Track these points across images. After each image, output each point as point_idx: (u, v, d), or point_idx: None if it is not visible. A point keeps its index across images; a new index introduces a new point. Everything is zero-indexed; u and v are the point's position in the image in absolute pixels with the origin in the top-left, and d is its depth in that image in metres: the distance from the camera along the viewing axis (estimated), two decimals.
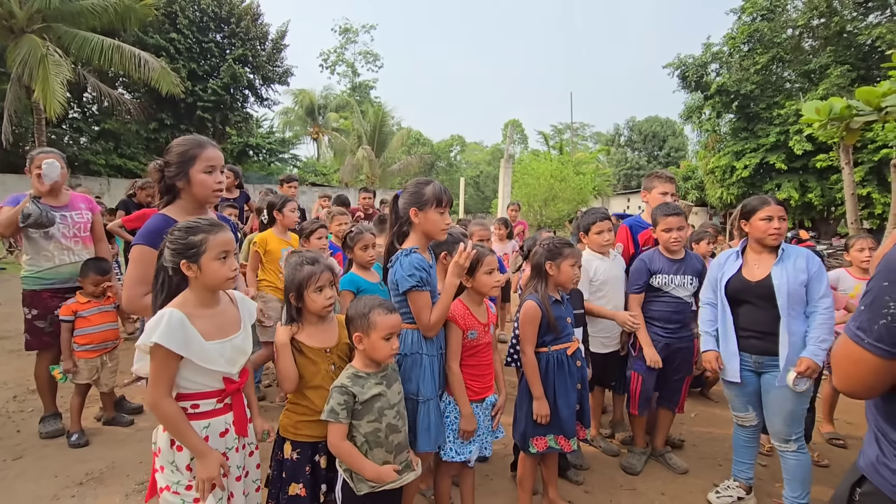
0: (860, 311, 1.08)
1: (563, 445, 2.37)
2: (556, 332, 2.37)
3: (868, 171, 15.38)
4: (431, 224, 2.07)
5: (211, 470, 1.53)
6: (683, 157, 34.47)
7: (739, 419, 2.74)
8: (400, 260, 2.02)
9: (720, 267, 2.73)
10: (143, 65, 12.63)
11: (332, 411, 1.72)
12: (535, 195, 18.80)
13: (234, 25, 18.18)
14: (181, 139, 2.00)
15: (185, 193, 1.98)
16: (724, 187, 19.48)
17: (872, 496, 1.12)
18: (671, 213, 2.91)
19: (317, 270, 1.86)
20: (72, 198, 3.26)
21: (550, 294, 2.40)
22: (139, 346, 1.54)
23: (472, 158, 43.03)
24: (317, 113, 30.47)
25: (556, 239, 2.50)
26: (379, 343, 1.78)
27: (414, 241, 2.10)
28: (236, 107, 19.38)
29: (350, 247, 2.94)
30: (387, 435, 1.78)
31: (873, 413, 1.18)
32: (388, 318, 1.80)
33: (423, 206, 2.06)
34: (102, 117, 17.15)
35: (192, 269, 1.56)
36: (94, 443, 3.17)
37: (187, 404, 1.58)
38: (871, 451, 1.16)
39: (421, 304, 2.00)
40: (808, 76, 17.95)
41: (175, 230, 1.58)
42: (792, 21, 17.97)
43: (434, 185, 2.10)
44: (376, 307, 1.81)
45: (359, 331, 1.80)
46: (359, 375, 1.80)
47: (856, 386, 1.10)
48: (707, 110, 20.17)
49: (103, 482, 2.75)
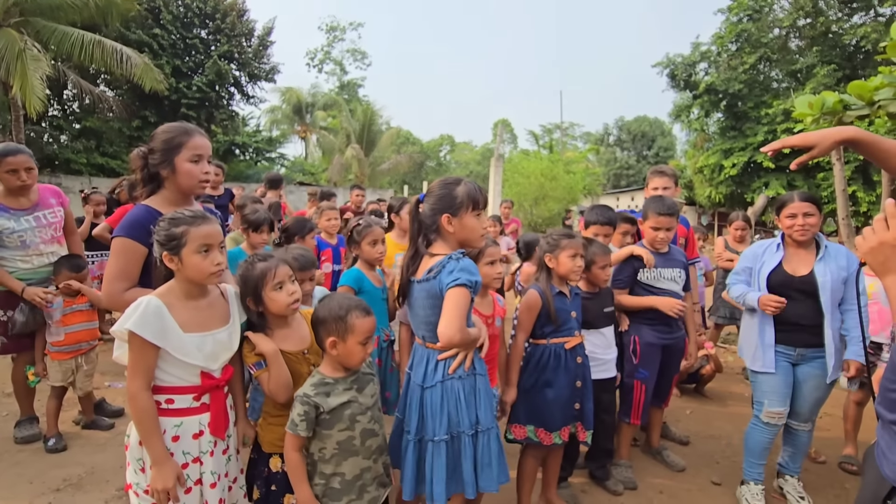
0: None
1: (543, 438, 2.31)
2: (555, 323, 2.31)
3: (854, 170, 15.61)
4: (469, 230, 1.80)
5: (166, 480, 1.45)
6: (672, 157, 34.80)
7: (774, 417, 2.59)
8: (449, 264, 1.70)
9: (757, 258, 2.70)
10: (126, 61, 12.31)
11: (291, 422, 1.59)
12: (526, 194, 18.78)
13: (220, 21, 17.88)
14: (167, 126, 1.90)
15: (169, 183, 1.88)
16: (712, 186, 19.67)
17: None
18: (665, 212, 2.81)
19: (271, 266, 1.70)
20: (41, 194, 3.08)
21: (555, 286, 2.36)
22: (114, 332, 1.49)
23: (461, 158, 42.94)
24: (304, 111, 30.17)
25: (556, 231, 2.46)
26: (356, 349, 1.61)
27: (446, 249, 1.80)
28: (222, 104, 19.07)
29: (357, 241, 2.65)
30: (363, 441, 1.65)
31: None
32: (366, 322, 1.63)
33: (458, 210, 1.77)
34: (83, 115, 16.75)
35: (173, 261, 1.51)
36: (73, 447, 3.05)
37: (162, 398, 1.51)
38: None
39: (463, 302, 1.66)
40: (795, 76, 18.19)
41: (161, 221, 1.54)
42: (778, 21, 18.20)
43: (466, 185, 1.82)
44: (353, 308, 1.62)
45: (333, 335, 1.61)
46: (325, 382, 1.63)
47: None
48: (696, 109, 20.36)
49: (82, 488, 2.63)
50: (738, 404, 4.14)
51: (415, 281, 1.81)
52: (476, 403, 1.78)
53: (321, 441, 1.61)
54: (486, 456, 1.77)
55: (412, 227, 1.87)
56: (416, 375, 1.83)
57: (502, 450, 1.84)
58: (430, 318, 1.75)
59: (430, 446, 1.72)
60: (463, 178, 1.88)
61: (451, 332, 1.61)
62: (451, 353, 1.76)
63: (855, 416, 3.24)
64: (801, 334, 2.53)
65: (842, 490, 2.88)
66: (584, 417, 2.39)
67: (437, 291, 1.71)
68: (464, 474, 1.73)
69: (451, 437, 1.73)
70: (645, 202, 2.99)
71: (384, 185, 26.87)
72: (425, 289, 1.75)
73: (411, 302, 1.85)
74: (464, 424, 1.73)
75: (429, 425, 1.74)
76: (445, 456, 1.71)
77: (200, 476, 1.55)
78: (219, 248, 1.56)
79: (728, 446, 3.37)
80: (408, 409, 1.83)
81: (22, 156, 2.88)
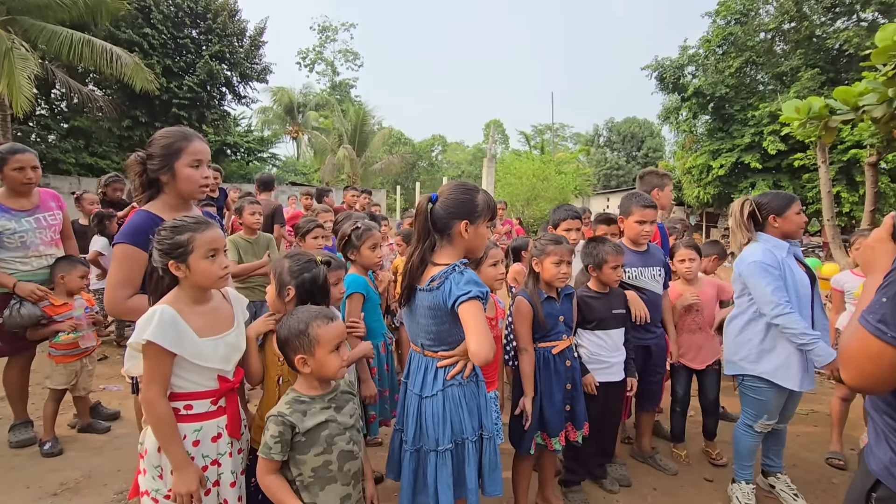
0: (880, 304, 1.01)
1: (548, 443, 2.35)
2: (543, 328, 2.34)
3: (838, 172, 15.88)
4: (481, 239, 1.78)
5: (189, 484, 1.46)
6: (661, 158, 35.11)
7: (765, 427, 2.61)
8: (453, 277, 1.65)
9: (780, 265, 2.46)
10: (116, 60, 12.19)
11: (264, 445, 1.50)
12: (518, 195, 18.89)
13: (211, 21, 17.74)
14: (165, 131, 1.91)
15: (168, 188, 1.89)
16: (700, 186, 19.89)
17: (890, 501, 1.06)
18: (649, 204, 2.84)
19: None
20: (41, 196, 3.09)
21: (542, 291, 2.38)
22: (131, 345, 1.49)
23: (453, 158, 42.94)
24: (296, 111, 30.01)
25: (545, 236, 2.48)
26: (327, 359, 1.54)
27: (451, 256, 1.75)
28: (213, 104, 18.90)
29: (356, 246, 2.51)
30: (340, 466, 1.55)
31: (882, 410, 1.12)
32: (331, 328, 1.56)
33: (476, 219, 1.74)
34: (72, 114, 16.52)
35: (180, 269, 1.51)
36: (69, 451, 3.03)
37: (180, 405, 1.52)
38: (882, 452, 1.10)
39: (482, 316, 1.61)
40: (781, 79, 18.47)
41: (161, 230, 1.54)
42: (764, 25, 18.46)
43: (484, 194, 1.80)
44: (313, 319, 1.56)
45: (300, 352, 1.54)
46: (301, 401, 1.55)
47: (873, 382, 1.04)
48: (684, 111, 20.55)
49: (79, 492, 2.63)
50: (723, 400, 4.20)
51: (418, 288, 1.76)
52: (479, 409, 1.78)
53: (297, 467, 1.53)
54: (491, 461, 1.77)
55: (421, 227, 1.78)
56: (413, 384, 1.80)
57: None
58: (431, 327, 1.73)
59: (434, 457, 1.70)
60: (476, 185, 1.86)
61: (484, 350, 1.53)
62: (452, 361, 1.74)
63: (840, 412, 3.28)
64: None
65: (829, 485, 2.95)
66: (574, 418, 2.42)
67: (441, 303, 1.66)
68: (467, 481, 1.71)
69: (455, 446, 1.71)
70: (624, 199, 2.94)
71: (376, 186, 26.82)
72: (428, 298, 1.71)
73: (413, 307, 1.79)
74: (467, 431, 1.72)
75: (430, 435, 1.71)
76: (451, 464, 1.70)
77: (219, 477, 1.56)
78: (223, 251, 1.58)
79: (718, 442, 3.43)
80: (405, 419, 1.80)
81: (29, 154, 2.92)
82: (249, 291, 3.60)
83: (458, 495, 1.73)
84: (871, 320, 1.01)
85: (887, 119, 3.20)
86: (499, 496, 1.81)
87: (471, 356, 1.59)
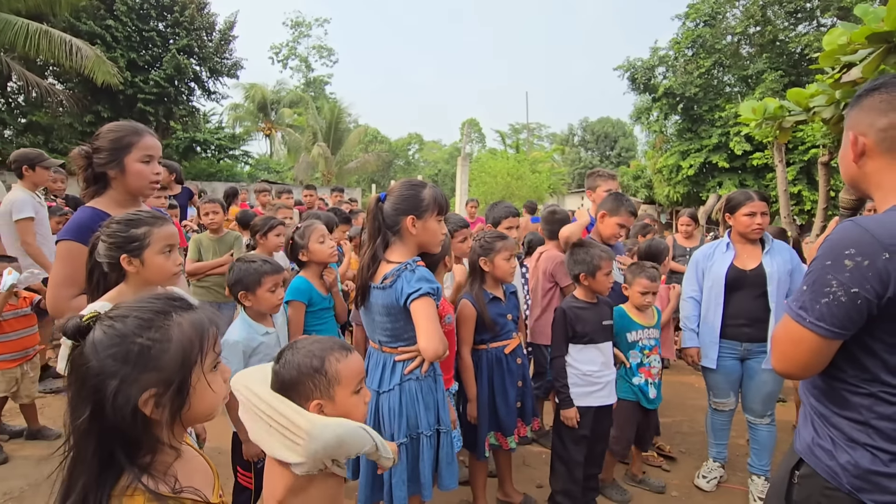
0: (802, 292, 1.08)
1: (502, 442, 2.36)
2: (492, 330, 2.32)
3: (799, 171, 16.49)
4: (430, 234, 1.80)
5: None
6: (633, 157, 35.80)
7: (719, 405, 2.82)
8: (405, 275, 1.69)
9: (707, 258, 2.81)
10: (76, 52, 11.70)
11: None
12: (493, 193, 18.95)
13: (178, 14, 17.24)
14: (113, 124, 1.85)
15: (116, 183, 1.82)
16: (670, 185, 20.37)
17: (810, 478, 1.13)
18: (633, 210, 2.84)
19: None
20: None
21: (489, 291, 2.35)
22: (65, 343, 1.41)
23: (430, 157, 42.90)
24: (269, 108, 29.45)
25: (487, 233, 2.44)
26: (350, 402, 1.21)
27: (403, 253, 1.78)
28: (181, 100, 18.40)
29: (303, 245, 2.42)
30: None
31: (808, 393, 1.19)
32: (352, 362, 1.24)
33: (423, 213, 1.77)
34: (30, 109, 15.86)
35: (133, 263, 1.46)
36: (15, 459, 2.91)
37: None
38: (806, 433, 1.17)
39: (433, 313, 1.65)
40: (746, 81, 19.04)
41: (113, 223, 1.49)
42: (731, 28, 19.01)
43: (431, 189, 1.82)
44: (329, 351, 1.22)
45: (315, 396, 1.18)
46: None
47: (794, 366, 1.11)
48: (655, 112, 21.00)
49: (23, 502, 2.52)
50: (694, 396, 4.32)
51: (372, 286, 1.79)
52: (436, 404, 1.80)
53: None
54: (448, 455, 1.80)
55: (371, 225, 1.83)
56: (371, 381, 1.81)
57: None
58: (387, 324, 1.77)
59: None
60: (426, 181, 1.90)
61: (434, 345, 1.59)
62: (410, 355, 1.76)
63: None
64: (747, 329, 2.65)
65: None
66: (525, 414, 2.43)
67: (394, 301, 1.69)
68: (421, 476, 1.73)
69: (410, 440, 1.73)
70: (611, 199, 2.91)
71: (352, 184, 26.57)
72: (382, 296, 1.74)
73: (368, 305, 1.83)
74: (423, 425, 1.74)
75: (385, 430, 1.72)
76: (406, 459, 1.71)
77: None
78: (177, 248, 1.56)
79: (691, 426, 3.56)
80: None
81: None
82: (205, 291, 3.52)
83: (413, 491, 1.74)
84: (794, 307, 1.08)
85: (836, 120, 3.32)
86: (454, 489, 1.83)
87: (422, 352, 1.65)
